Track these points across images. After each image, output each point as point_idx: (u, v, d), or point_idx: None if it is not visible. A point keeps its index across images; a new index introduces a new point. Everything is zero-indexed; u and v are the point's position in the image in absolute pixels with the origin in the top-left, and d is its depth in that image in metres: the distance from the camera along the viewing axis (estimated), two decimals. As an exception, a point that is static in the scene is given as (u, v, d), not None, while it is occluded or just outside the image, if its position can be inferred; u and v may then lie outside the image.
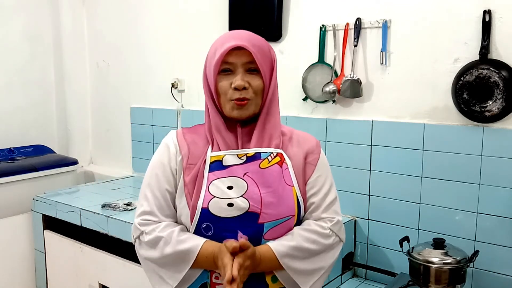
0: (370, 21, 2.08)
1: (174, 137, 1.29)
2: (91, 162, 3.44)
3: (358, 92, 2.12)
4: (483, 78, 1.79)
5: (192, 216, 1.20)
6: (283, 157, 1.25)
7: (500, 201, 1.82)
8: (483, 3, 1.80)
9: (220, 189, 1.19)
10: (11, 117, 3.10)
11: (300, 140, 1.31)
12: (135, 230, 1.26)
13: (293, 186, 1.24)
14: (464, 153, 1.88)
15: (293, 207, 1.22)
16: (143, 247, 1.23)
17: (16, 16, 3.09)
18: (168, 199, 1.25)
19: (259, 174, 1.21)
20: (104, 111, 3.33)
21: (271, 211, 1.19)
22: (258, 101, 1.24)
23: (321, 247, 1.24)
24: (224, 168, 1.21)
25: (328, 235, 1.25)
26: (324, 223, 1.26)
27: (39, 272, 2.69)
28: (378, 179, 2.11)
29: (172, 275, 1.20)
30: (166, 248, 1.19)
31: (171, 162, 1.26)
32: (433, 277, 1.74)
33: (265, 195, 1.19)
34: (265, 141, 1.25)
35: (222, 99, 1.22)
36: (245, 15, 2.44)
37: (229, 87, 1.20)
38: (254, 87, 1.22)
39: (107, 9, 3.19)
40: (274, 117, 1.28)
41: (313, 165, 1.29)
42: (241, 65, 1.20)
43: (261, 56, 1.22)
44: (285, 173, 1.24)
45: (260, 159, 1.23)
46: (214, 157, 1.23)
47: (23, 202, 2.66)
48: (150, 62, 2.99)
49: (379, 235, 2.14)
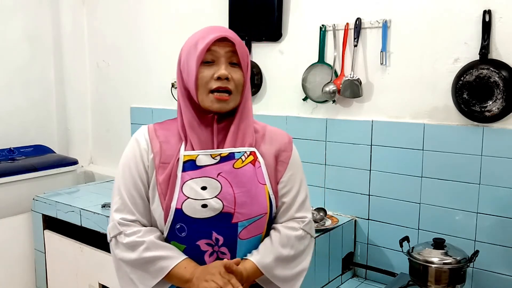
0: (370, 21, 2.08)
1: (146, 133, 1.28)
2: (91, 162, 3.44)
3: (358, 92, 2.12)
4: (483, 78, 1.79)
5: (166, 216, 1.20)
6: (256, 156, 1.25)
7: (500, 201, 1.82)
8: (483, 3, 1.80)
9: (194, 190, 1.19)
10: (11, 117, 3.10)
11: (273, 137, 1.31)
12: (113, 228, 1.24)
13: (265, 184, 1.24)
14: (464, 153, 1.88)
15: (265, 205, 1.23)
16: (120, 247, 1.22)
17: (16, 16, 3.09)
18: (143, 195, 1.24)
19: (233, 174, 1.21)
20: (104, 111, 3.33)
21: (244, 210, 1.20)
22: (237, 96, 1.24)
23: (298, 252, 1.27)
24: (197, 168, 1.21)
25: (302, 236, 1.27)
26: (297, 224, 1.28)
27: (39, 272, 2.69)
28: (378, 179, 2.11)
29: (144, 281, 1.19)
30: (144, 253, 1.18)
31: (143, 158, 1.24)
32: (433, 277, 1.74)
33: (239, 195, 1.19)
34: (239, 140, 1.24)
35: (201, 91, 1.21)
36: (245, 15, 2.44)
37: (210, 77, 1.20)
38: (236, 80, 1.22)
39: (107, 9, 3.19)
40: (248, 115, 1.27)
41: (285, 163, 1.29)
42: (223, 56, 1.21)
43: (242, 50, 1.23)
44: (257, 172, 1.24)
45: (234, 159, 1.22)
46: (187, 156, 1.21)
47: (23, 202, 2.66)
48: (150, 62, 2.99)
49: (379, 235, 2.14)
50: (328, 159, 2.26)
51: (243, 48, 1.23)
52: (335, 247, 2.11)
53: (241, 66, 1.23)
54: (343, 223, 2.13)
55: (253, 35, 2.44)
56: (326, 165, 2.26)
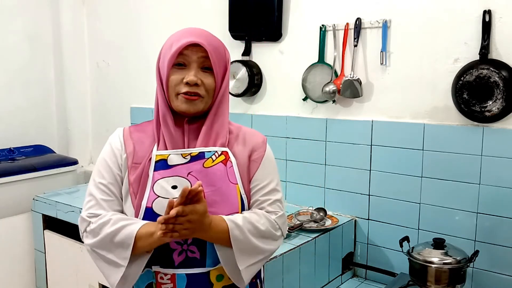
0: (370, 21, 2.08)
1: (121, 135, 1.30)
2: (91, 162, 3.44)
3: (358, 92, 2.12)
4: (483, 78, 1.79)
5: (136, 215, 1.20)
6: (228, 156, 1.25)
7: (500, 201, 1.82)
8: (483, 3, 1.80)
9: (164, 188, 1.19)
10: (11, 117, 3.09)
11: (247, 138, 1.31)
12: (82, 222, 1.24)
13: (237, 184, 1.24)
14: (464, 153, 1.88)
15: (236, 204, 1.23)
16: (89, 237, 1.22)
17: (16, 16, 3.09)
18: (117, 195, 1.25)
19: (203, 173, 1.21)
20: (104, 111, 3.33)
21: (214, 209, 1.19)
22: (208, 99, 1.24)
23: (267, 230, 1.23)
24: (169, 167, 1.22)
25: (275, 225, 1.26)
26: (270, 214, 1.26)
27: (39, 272, 2.69)
28: (378, 179, 2.11)
29: (120, 255, 1.17)
30: (110, 228, 1.17)
31: (117, 160, 1.26)
32: (433, 277, 1.74)
33: (209, 194, 1.19)
34: (211, 140, 1.25)
35: (170, 92, 1.22)
36: (245, 15, 2.44)
37: (180, 81, 1.20)
38: (206, 85, 1.22)
39: (107, 9, 3.19)
40: (222, 117, 1.27)
41: (257, 163, 1.29)
42: (195, 61, 1.21)
43: (216, 55, 1.22)
44: (229, 171, 1.24)
45: (204, 158, 1.23)
46: (159, 156, 1.23)
47: (23, 202, 2.66)
48: (150, 62, 2.96)
49: (379, 235, 2.14)
50: (328, 159, 2.26)
51: (217, 53, 1.23)
52: (335, 247, 2.11)
53: (213, 71, 1.23)
54: (343, 223, 2.13)
55: (253, 35, 2.44)
56: (326, 165, 2.26)
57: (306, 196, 2.34)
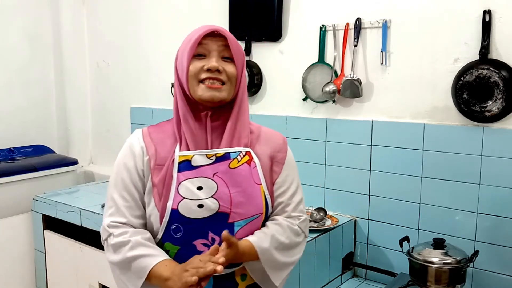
0: (370, 21, 2.08)
1: (140, 137, 1.27)
2: (91, 162, 3.44)
3: (358, 92, 2.12)
4: (483, 78, 1.79)
5: (162, 217, 1.19)
6: (251, 156, 1.25)
7: (500, 201, 1.82)
8: (483, 3, 1.80)
9: (189, 190, 1.18)
10: (11, 117, 3.09)
11: (268, 138, 1.32)
12: (103, 231, 1.24)
13: (261, 184, 1.25)
14: (464, 153, 1.88)
15: (261, 205, 1.23)
16: (110, 250, 1.23)
17: (16, 16, 3.09)
18: (137, 199, 1.24)
19: (229, 174, 1.21)
20: (104, 111, 3.33)
21: (240, 210, 1.20)
22: (231, 88, 1.23)
23: (292, 243, 1.27)
24: (193, 168, 1.21)
25: (298, 232, 1.29)
26: (293, 221, 1.29)
27: (39, 272, 2.69)
28: (378, 179, 2.11)
29: (132, 281, 1.19)
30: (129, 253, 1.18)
31: (137, 163, 1.24)
32: (433, 277, 1.74)
33: (235, 195, 1.20)
34: (235, 140, 1.24)
35: (191, 83, 1.21)
36: (245, 15, 2.44)
37: (200, 69, 1.20)
38: (228, 73, 1.21)
39: (107, 9, 3.19)
40: (244, 116, 1.27)
41: (281, 164, 1.30)
42: (215, 50, 1.21)
43: (235, 45, 1.23)
44: (253, 172, 1.24)
45: (230, 159, 1.22)
46: (182, 157, 1.21)
47: (23, 202, 2.66)
48: (150, 62, 2.99)
49: (379, 235, 2.14)
50: (328, 159, 2.26)
51: (236, 43, 1.24)
52: (335, 247, 2.11)
53: (234, 61, 1.22)
54: (343, 223, 2.13)
55: (253, 35, 2.44)
56: (326, 165, 2.26)
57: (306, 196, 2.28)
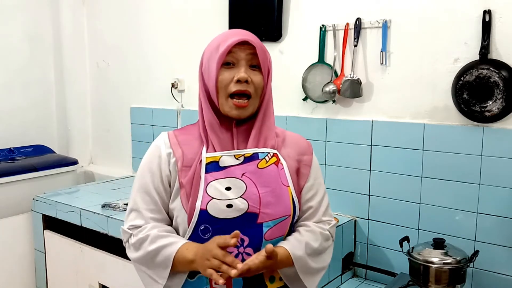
0: (370, 21, 2.08)
1: (166, 139, 1.28)
2: (91, 162, 3.44)
3: (358, 92, 2.12)
4: (483, 78, 1.79)
5: (190, 218, 1.19)
6: (278, 158, 1.26)
7: (500, 201, 1.82)
8: (483, 3, 1.80)
9: (218, 190, 1.19)
10: (11, 117, 3.10)
11: (293, 141, 1.33)
12: (124, 233, 1.27)
13: (289, 186, 1.25)
14: (464, 153, 1.88)
15: (289, 207, 1.23)
16: (131, 249, 1.25)
17: (16, 16, 3.09)
18: (159, 203, 1.24)
19: (257, 174, 1.21)
20: (104, 111, 3.33)
21: (269, 210, 1.20)
22: (256, 100, 1.24)
23: (323, 248, 1.29)
24: (221, 169, 1.21)
25: (328, 237, 1.31)
26: (324, 225, 1.31)
27: (39, 272, 2.69)
28: (378, 179, 2.11)
29: (159, 274, 1.20)
30: (149, 247, 1.19)
31: (163, 166, 1.25)
32: (433, 277, 1.74)
33: (264, 195, 1.20)
34: (261, 142, 1.25)
35: (221, 94, 1.21)
36: (245, 15, 2.44)
37: (230, 80, 1.20)
38: (256, 83, 1.22)
39: (107, 9, 3.19)
40: (270, 119, 1.29)
41: (308, 166, 1.31)
42: (244, 58, 1.21)
43: (263, 53, 1.24)
44: (281, 173, 1.25)
45: (258, 159, 1.23)
46: (210, 158, 1.22)
47: (23, 202, 2.66)
48: (150, 62, 2.99)
49: (379, 235, 2.14)
50: (328, 159, 2.26)
51: (264, 51, 1.24)
52: (335, 247, 2.06)
53: (261, 69, 1.23)
54: (343, 223, 2.13)
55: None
56: (326, 165, 2.26)
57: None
